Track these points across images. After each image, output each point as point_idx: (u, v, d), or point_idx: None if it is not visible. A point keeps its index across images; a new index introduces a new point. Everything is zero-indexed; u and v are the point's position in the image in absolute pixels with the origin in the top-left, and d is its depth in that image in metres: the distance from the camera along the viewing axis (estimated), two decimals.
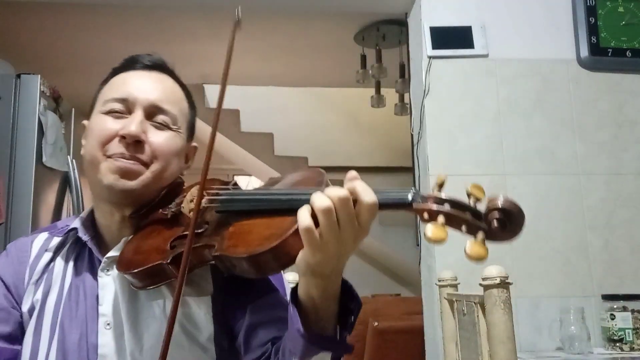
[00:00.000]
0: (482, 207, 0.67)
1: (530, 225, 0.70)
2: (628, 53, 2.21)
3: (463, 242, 0.66)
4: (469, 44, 2.19)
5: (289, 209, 0.72)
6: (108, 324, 0.89)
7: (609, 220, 2.10)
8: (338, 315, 0.76)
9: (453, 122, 2.15)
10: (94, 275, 0.93)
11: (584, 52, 2.19)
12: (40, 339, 0.90)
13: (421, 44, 2.21)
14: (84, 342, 0.89)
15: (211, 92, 4.27)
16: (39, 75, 2.22)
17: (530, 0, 2.26)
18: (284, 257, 0.72)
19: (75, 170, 2.46)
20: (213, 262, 0.80)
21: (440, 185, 0.69)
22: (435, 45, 2.19)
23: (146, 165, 0.92)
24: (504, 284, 1.29)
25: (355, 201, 0.68)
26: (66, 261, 0.96)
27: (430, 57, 2.18)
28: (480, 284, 1.33)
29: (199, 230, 0.83)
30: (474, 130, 2.14)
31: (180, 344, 0.87)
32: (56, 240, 0.97)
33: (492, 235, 0.66)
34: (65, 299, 0.92)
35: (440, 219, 0.65)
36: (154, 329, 0.88)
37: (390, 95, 3.83)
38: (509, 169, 2.11)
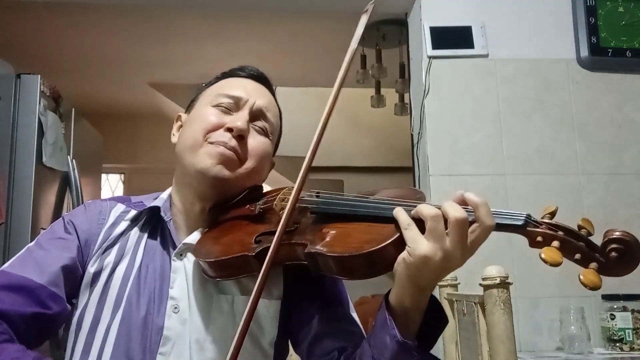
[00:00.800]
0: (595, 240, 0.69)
1: None
2: (628, 53, 2.21)
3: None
4: (469, 44, 2.19)
5: (388, 217, 0.75)
6: (175, 308, 0.90)
7: (609, 220, 2.10)
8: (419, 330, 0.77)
9: (453, 122, 2.15)
10: (167, 256, 0.95)
11: (584, 52, 2.19)
12: (104, 308, 0.91)
13: (421, 44, 2.21)
14: (149, 320, 0.89)
15: None
16: (39, 75, 2.22)
17: (530, 0, 2.26)
18: (379, 263, 0.73)
19: (75, 170, 2.46)
20: (304, 261, 0.80)
21: (552, 214, 0.72)
22: (435, 45, 2.19)
23: (241, 161, 0.96)
24: (504, 284, 1.29)
25: (472, 222, 0.71)
26: (141, 233, 0.98)
27: (430, 57, 2.18)
28: (480, 284, 1.33)
29: (290, 229, 0.83)
30: (474, 130, 2.14)
31: (243, 345, 0.86)
32: (133, 212, 1.00)
33: (606, 266, 0.67)
34: (135, 274, 0.93)
35: (555, 243, 0.68)
36: (221, 323, 0.90)
37: (390, 95, 3.83)
38: (509, 169, 2.11)
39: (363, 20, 0.89)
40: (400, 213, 0.73)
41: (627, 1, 2.25)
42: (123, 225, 0.98)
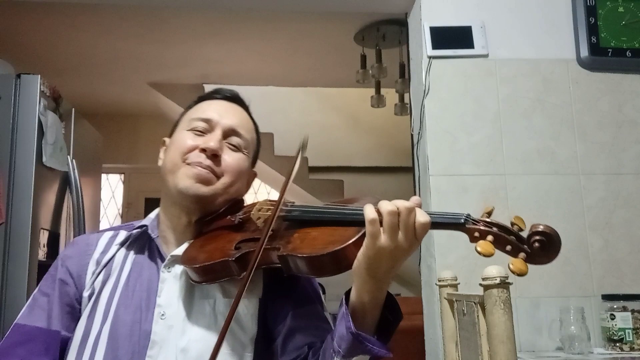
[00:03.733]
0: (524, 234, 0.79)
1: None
2: (628, 53, 2.21)
3: (463, 243, 0.70)
4: (469, 44, 2.19)
5: (352, 220, 0.86)
6: (162, 315, 0.98)
7: (609, 220, 2.10)
8: (377, 325, 0.86)
9: (453, 122, 2.14)
10: (154, 268, 1.04)
11: (584, 52, 2.19)
12: (93, 322, 0.99)
13: (421, 43, 2.21)
14: (136, 327, 0.97)
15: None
16: (39, 75, 2.22)
17: (530, 0, 2.26)
18: (343, 260, 0.84)
19: (75, 170, 2.46)
20: (278, 263, 0.90)
21: (489, 213, 0.82)
22: (435, 45, 2.19)
23: (217, 177, 1.05)
24: (504, 284, 1.29)
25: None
26: (127, 252, 1.07)
27: (430, 57, 2.18)
28: (480, 284, 1.33)
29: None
30: (474, 130, 2.14)
31: (225, 342, 0.94)
32: (123, 234, 1.10)
33: (532, 256, 0.78)
34: (123, 287, 1.02)
35: (489, 237, 0.79)
36: (202, 324, 0.98)
37: (390, 95, 3.83)
38: (509, 169, 2.11)
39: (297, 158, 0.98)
40: (368, 208, 0.81)
41: (627, 1, 2.25)
42: (113, 249, 1.08)
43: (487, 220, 0.80)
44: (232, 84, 4.27)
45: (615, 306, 1.85)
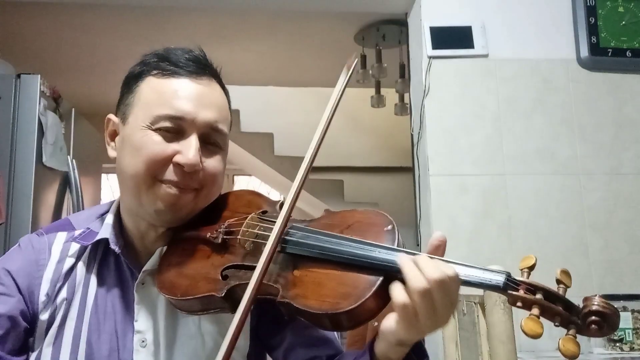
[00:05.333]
0: (571, 296, 0.68)
1: (530, 225, 0.72)
2: (628, 53, 2.21)
3: (465, 243, 0.68)
4: (469, 44, 2.19)
5: (364, 266, 0.71)
6: (143, 342, 0.85)
7: (609, 220, 2.10)
8: None
9: (453, 122, 2.14)
10: (124, 286, 0.88)
11: (584, 52, 2.19)
12: (61, 352, 0.84)
13: (421, 44, 2.21)
14: (114, 357, 0.84)
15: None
16: (39, 75, 2.22)
17: (530, 0, 2.26)
18: (358, 319, 0.71)
19: (75, 170, 2.46)
20: (277, 306, 0.76)
21: (530, 269, 0.69)
22: (435, 45, 2.19)
23: (196, 190, 0.87)
24: None
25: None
26: (89, 266, 0.89)
27: (430, 57, 2.18)
28: None
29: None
30: (474, 130, 2.14)
31: None
32: (75, 247, 0.90)
33: (585, 333, 0.67)
34: (92, 310, 0.86)
35: (535, 310, 0.66)
36: (189, 348, 0.86)
37: (390, 95, 3.82)
38: (509, 169, 2.11)
39: (344, 75, 0.85)
40: (396, 289, 0.68)
41: (627, 1, 2.25)
42: (69, 261, 0.89)
43: (530, 283, 0.68)
44: (232, 84, 4.27)
45: (615, 306, 1.85)
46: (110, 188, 5.24)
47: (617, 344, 1.82)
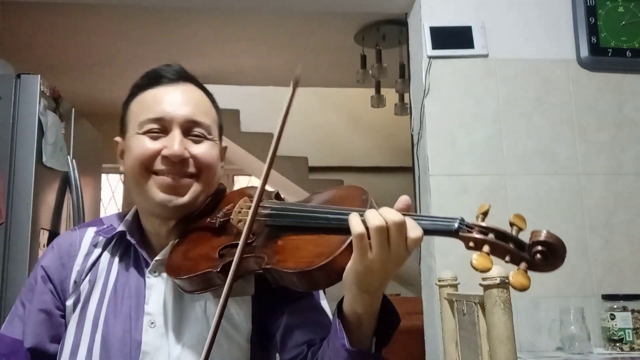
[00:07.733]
0: (524, 237, 0.70)
1: (530, 226, 0.72)
2: (628, 53, 2.21)
3: (465, 250, 0.68)
4: (469, 44, 2.19)
5: (337, 228, 0.77)
6: (152, 323, 0.94)
7: (609, 220, 2.10)
8: (375, 329, 0.81)
9: (453, 122, 2.15)
10: (140, 274, 0.99)
11: (584, 52, 2.19)
12: (83, 332, 0.95)
13: (421, 44, 2.21)
14: (127, 337, 0.93)
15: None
16: (39, 75, 2.21)
17: (531, 0, 2.26)
18: (332, 274, 0.77)
19: (75, 170, 2.46)
20: (263, 274, 0.84)
21: (484, 214, 0.73)
22: (435, 45, 2.19)
23: (195, 177, 0.98)
24: (504, 284, 1.29)
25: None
26: (112, 257, 1.01)
27: (430, 57, 2.18)
28: (480, 284, 1.33)
29: (249, 241, 0.87)
30: (474, 130, 2.14)
31: (219, 344, 0.91)
32: (102, 240, 1.03)
33: (534, 266, 0.70)
34: (110, 295, 0.97)
35: (486, 248, 0.70)
36: (195, 330, 0.94)
37: (390, 95, 3.83)
38: (509, 169, 2.11)
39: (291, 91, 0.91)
40: (354, 220, 0.74)
41: (627, 1, 2.25)
42: (96, 252, 1.02)
43: (483, 225, 0.72)
44: (232, 84, 4.27)
45: (615, 306, 1.85)
46: (110, 188, 5.24)
47: (617, 344, 1.82)
